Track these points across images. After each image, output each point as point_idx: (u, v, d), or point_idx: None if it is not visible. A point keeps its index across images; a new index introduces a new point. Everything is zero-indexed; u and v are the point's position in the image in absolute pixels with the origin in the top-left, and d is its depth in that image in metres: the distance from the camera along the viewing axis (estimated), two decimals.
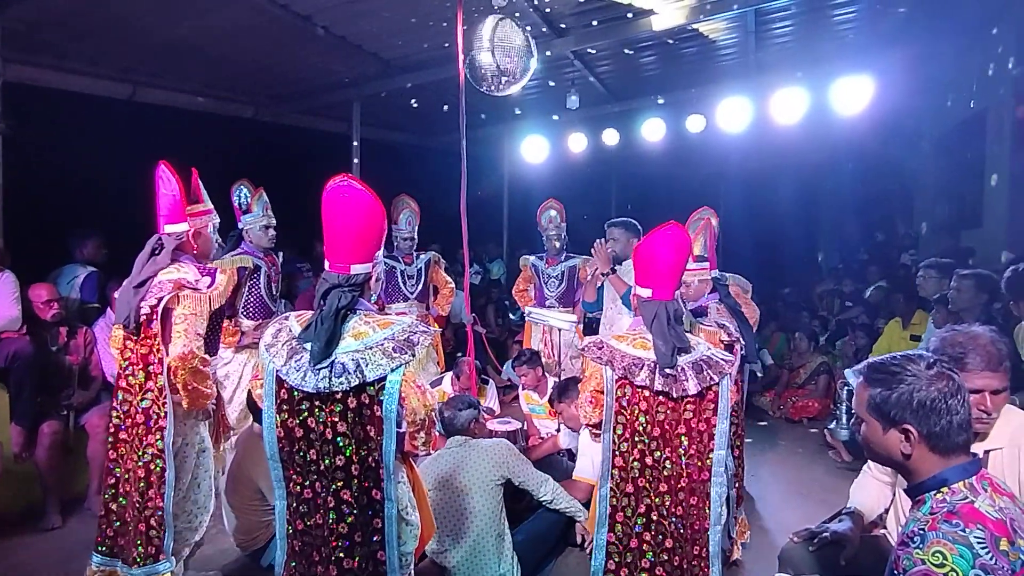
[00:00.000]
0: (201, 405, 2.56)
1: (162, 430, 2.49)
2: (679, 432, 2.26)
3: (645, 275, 2.37)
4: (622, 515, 2.26)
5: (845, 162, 9.04)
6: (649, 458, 2.24)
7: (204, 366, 2.51)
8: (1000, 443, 1.85)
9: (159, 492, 2.50)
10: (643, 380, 2.20)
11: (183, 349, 2.46)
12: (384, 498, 1.90)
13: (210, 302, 2.59)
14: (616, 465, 2.26)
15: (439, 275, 5.07)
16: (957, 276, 3.81)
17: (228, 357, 3.78)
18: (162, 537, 2.51)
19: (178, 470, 2.57)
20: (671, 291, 2.35)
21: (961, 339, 1.86)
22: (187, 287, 2.52)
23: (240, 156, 5.63)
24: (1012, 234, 5.55)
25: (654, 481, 2.24)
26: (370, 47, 5.43)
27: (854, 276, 8.10)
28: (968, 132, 6.55)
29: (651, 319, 2.29)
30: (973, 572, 1.21)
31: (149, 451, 2.50)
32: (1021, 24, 5.37)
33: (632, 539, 2.25)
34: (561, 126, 8.04)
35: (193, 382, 2.46)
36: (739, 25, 5.44)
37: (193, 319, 2.51)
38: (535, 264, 5.24)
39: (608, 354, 2.28)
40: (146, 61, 5.37)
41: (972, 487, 1.34)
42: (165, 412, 2.49)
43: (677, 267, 2.35)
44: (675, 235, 2.31)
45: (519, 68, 3.66)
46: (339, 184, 1.91)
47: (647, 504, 2.24)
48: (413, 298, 4.89)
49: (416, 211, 4.84)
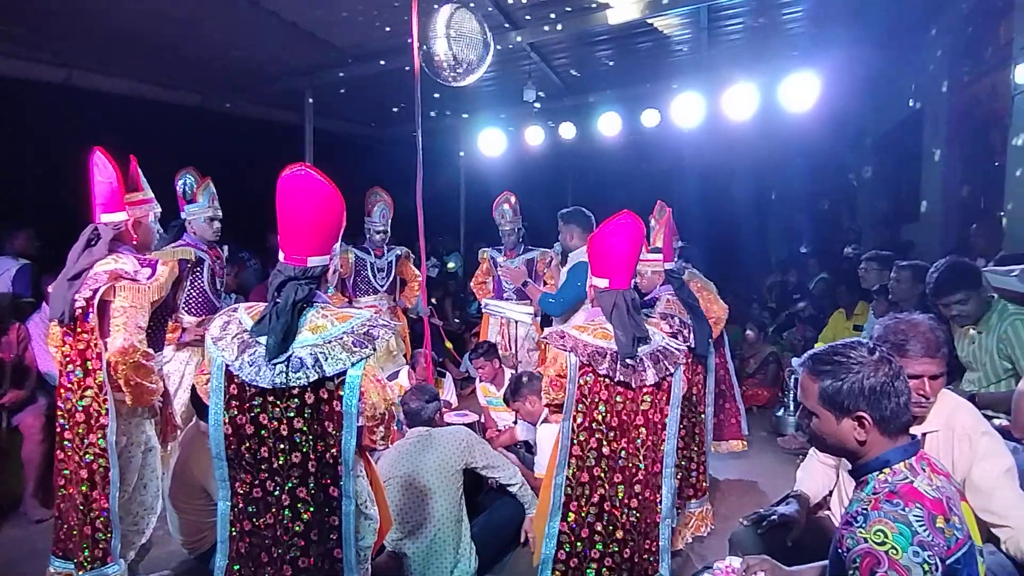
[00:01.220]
0: (146, 401, 2.46)
1: (104, 428, 2.39)
2: (637, 423, 2.28)
3: (602, 265, 2.37)
4: (576, 504, 2.26)
5: (793, 158, 9.32)
6: (606, 448, 2.25)
7: (147, 360, 2.40)
8: (936, 426, 1.93)
9: (103, 493, 2.40)
10: (605, 369, 2.21)
11: (123, 343, 2.35)
12: (342, 494, 1.86)
13: (147, 293, 2.48)
14: (573, 454, 2.26)
15: (408, 269, 5.03)
16: (896, 267, 3.97)
17: (168, 355, 3.63)
18: (109, 539, 2.41)
19: (123, 470, 2.47)
20: (628, 280, 2.37)
21: (903, 327, 1.92)
22: (125, 278, 2.42)
23: (186, 145, 5.42)
24: (947, 227, 5.82)
25: (609, 472, 2.25)
26: (323, 35, 5.30)
27: (799, 269, 8.35)
28: (907, 129, 6.84)
29: (610, 309, 2.31)
30: (912, 548, 1.26)
31: (91, 451, 2.40)
32: (956, 26, 5.62)
33: (584, 528, 2.25)
34: (518, 119, 8.03)
35: (136, 377, 2.37)
36: (692, 21, 5.53)
37: (133, 312, 2.40)
38: (493, 256, 5.23)
39: (571, 343, 2.28)
40: (83, 44, 5.10)
41: (912, 467, 1.40)
42: (106, 409, 2.39)
43: (633, 256, 2.37)
44: (630, 224, 2.32)
45: (475, 58, 3.63)
46: (296, 173, 1.83)
47: (600, 494, 2.25)
48: (383, 291, 4.84)
49: (390, 204, 4.77)
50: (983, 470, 1.83)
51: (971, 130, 5.54)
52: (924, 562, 1.25)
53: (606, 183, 10.80)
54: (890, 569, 1.25)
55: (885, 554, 1.26)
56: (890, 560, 1.25)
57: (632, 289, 2.41)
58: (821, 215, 10.13)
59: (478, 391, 4.72)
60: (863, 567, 1.28)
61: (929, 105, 6.24)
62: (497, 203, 5.11)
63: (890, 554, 1.26)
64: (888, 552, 1.26)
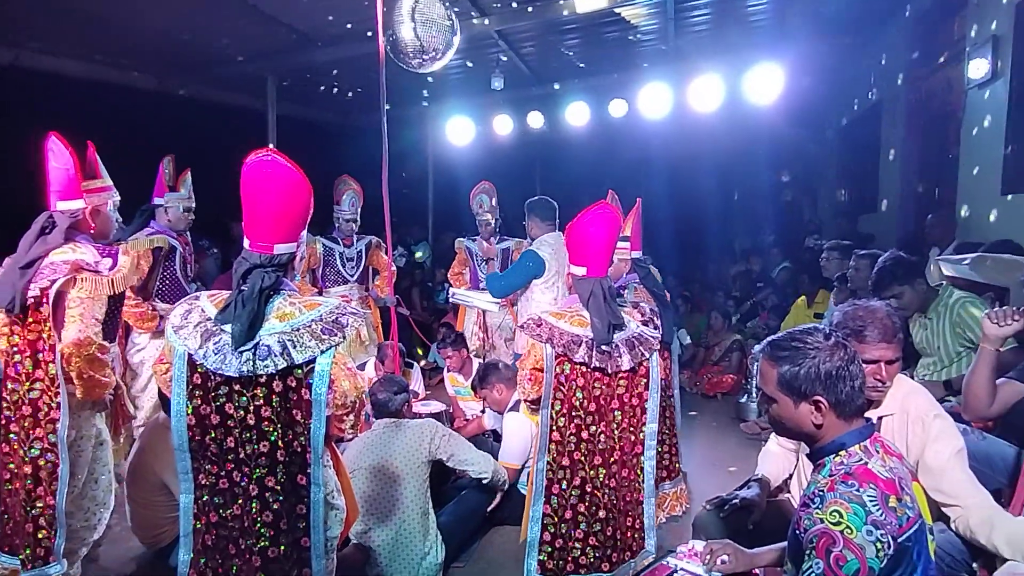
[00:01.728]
0: (98, 395, 2.39)
1: (54, 422, 2.31)
2: (613, 407, 2.35)
3: (580, 253, 2.43)
4: (558, 487, 2.33)
5: (757, 149, 9.48)
6: (585, 432, 2.32)
7: (102, 353, 2.33)
8: (892, 409, 1.99)
9: (49, 490, 2.32)
10: (582, 357, 2.27)
11: (78, 335, 2.27)
12: (310, 483, 1.84)
13: (112, 285, 2.40)
14: (553, 439, 2.32)
15: (379, 258, 4.96)
16: (855, 256, 4.08)
17: (143, 343, 3.55)
18: (52, 538, 2.33)
19: (73, 465, 2.39)
20: (604, 268, 2.43)
21: (860, 313, 1.98)
22: (86, 269, 2.33)
23: (142, 130, 5.26)
24: (903, 218, 6.00)
25: (589, 455, 2.33)
26: (285, 18, 5.17)
27: (762, 257, 8.52)
28: (866, 122, 7.01)
29: (587, 296, 2.36)
30: (865, 528, 1.30)
31: (37, 445, 2.31)
32: (913, 20, 5.76)
33: (567, 510, 2.32)
34: (486, 108, 7.98)
35: (89, 370, 2.29)
36: (659, 11, 5.56)
37: (90, 303, 2.33)
38: (469, 247, 5.21)
39: (547, 331, 2.32)
40: (31, 23, 4.87)
41: (866, 449, 1.44)
42: (58, 403, 2.30)
43: (610, 244, 2.44)
44: (606, 214, 2.39)
45: (442, 45, 3.58)
46: (263, 159, 1.78)
47: (582, 477, 2.32)
48: (353, 281, 4.76)
49: (359, 193, 4.68)
50: (935, 451, 1.90)
51: (927, 123, 5.70)
52: (877, 540, 1.29)
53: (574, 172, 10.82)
54: (845, 548, 1.29)
55: (840, 533, 1.30)
56: (845, 539, 1.29)
57: (608, 277, 2.46)
58: (783, 206, 10.34)
59: (446, 381, 4.71)
60: (819, 546, 1.32)
61: (887, 98, 6.40)
62: (475, 192, 5.07)
63: (845, 533, 1.30)
64: (843, 531, 1.30)
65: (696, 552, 1.90)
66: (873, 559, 1.28)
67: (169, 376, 1.84)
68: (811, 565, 1.32)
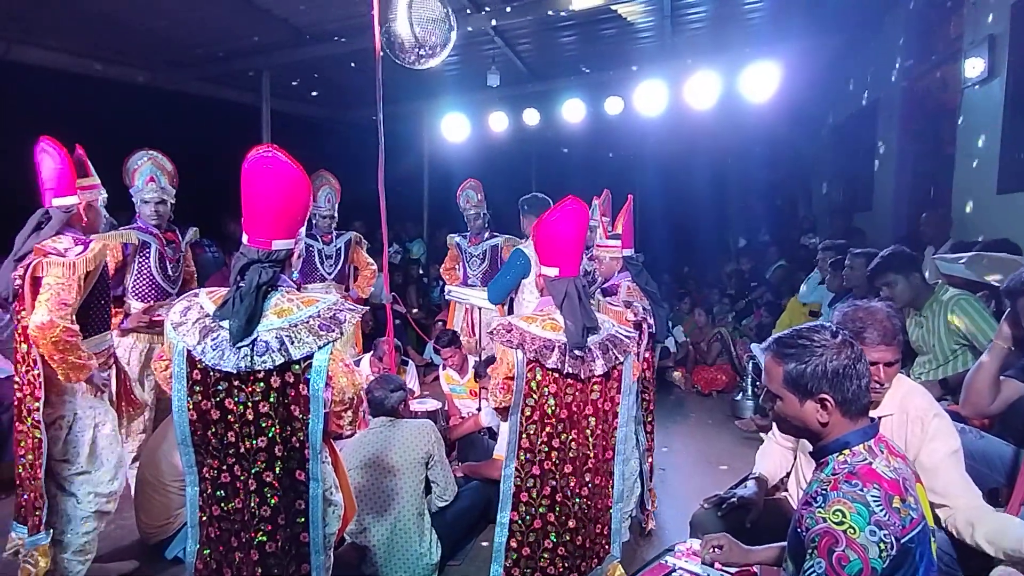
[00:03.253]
0: (78, 377, 2.43)
1: (38, 400, 2.41)
2: (587, 413, 2.26)
3: (550, 254, 2.32)
4: (526, 495, 2.24)
5: (753, 147, 9.51)
6: (556, 440, 2.23)
7: (70, 337, 2.35)
8: (891, 409, 1.98)
9: (38, 462, 2.43)
10: (554, 363, 2.16)
11: (42, 319, 2.31)
12: (309, 478, 1.86)
13: (75, 267, 2.42)
14: (522, 446, 2.23)
15: (360, 256, 4.91)
16: (850, 255, 4.08)
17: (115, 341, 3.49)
18: (41, 508, 2.44)
19: (73, 444, 2.51)
20: (577, 267, 2.33)
21: (860, 314, 1.97)
22: (52, 253, 2.39)
23: (133, 125, 5.20)
24: (897, 217, 6.01)
25: (560, 463, 2.24)
26: (280, 12, 5.13)
27: (756, 256, 8.53)
28: (861, 120, 7.01)
29: (561, 298, 2.25)
30: (868, 528, 1.29)
31: (29, 420, 2.44)
32: (910, 19, 5.77)
33: (536, 520, 2.24)
34: (482, 104, 7.96)
35: (58, 352, 2.33)
36: (656, 8, 5.54)
37: (59, 287, 2.36)
38: (459, 243, 5.20)
39: (518, 337, 2.20)
40: (20, 15, 4.82)
41: (871, 449, 1.42)
42: (40, 382, 2.41)
43: (580, 241, 2.33)
44: (575, 209, 2.27)
45: (438, 41, 3.56)
46: (263, 155, 1.80)
47: (552, 486, 2.24)
48: (331, 279, 4.70)
49: (336, 188, 4.65)
50: (930, 450, 1.89)
51: (922, 122, 5.71)
52: (880, 541, 1.28)
53: (570, 169, 10.84)
54: (847, 548, 1.28)
55: (843, 533, 1.29)
56: (847, 539, 1.28)
57: (583, 276, 2.38)
58: (778, 204, 10.36)
59: (441, 378, 4.69)
60: (821, 545, 1.31)
61: (883, 97, 6.40)
62: (461, 189, 5.06)
63: (848, 533, 1.29)
64: (846, 531, 1.29)
65: (694, 551, 1.89)
66: (876, 559, 1.27)
67: (169, 373, 1.85)
68: (812, 564, 1.31)
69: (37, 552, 2.43)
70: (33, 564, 2.43)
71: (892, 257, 3.14)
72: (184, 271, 3.67)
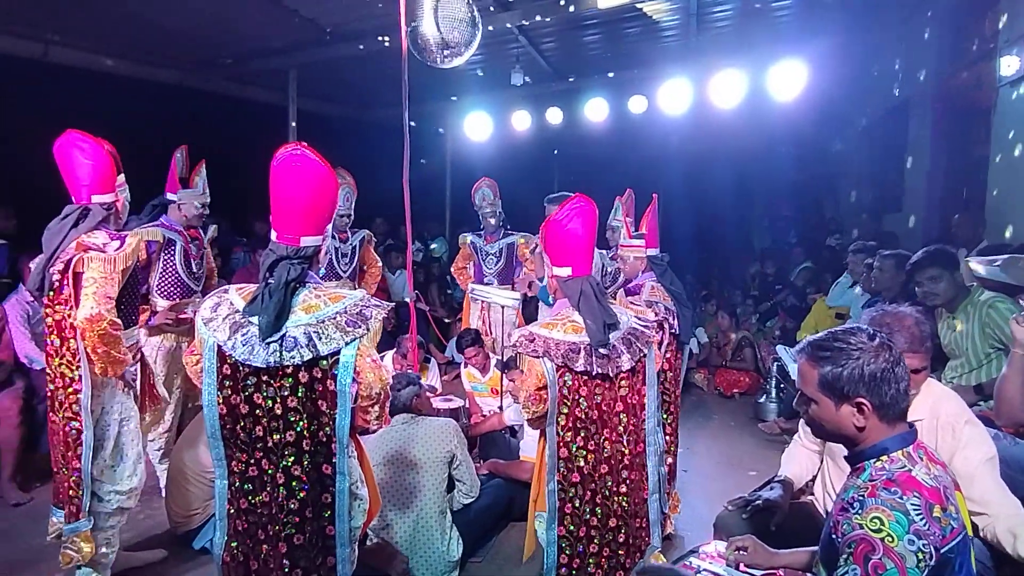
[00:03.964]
0: (116, 372, 2.49)
1: (77, 393, 2.46)
2: (617, 410, 2.24)
3: (562, 254, 2.30)
4: (571, 506, 2.22)
5: (778, 146, 9.36)
6: (591, 443, 2.21)
7: (115, 330, 2.42)
8: (921, 415, 1.94)
9: (75, 454, 2.47)
10: (582, 366, 2.15)
11: (90, 311, 2.38)
12: (335, 472, 1.88)
13: (116, 263, 2.48)
14: (561, 457, 2.21)
15: (369, 254, 4.96)
16: (879, 256, 4.00)
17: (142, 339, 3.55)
18: (80, 497, 2.49)
19: (100, 438, 2.54)
20: (589, 265, 2.31)
21: (888, 320, 1.93)
22: (92, 249, 2.44)
23: (164, 124, 5.31)
24: (928, 218, 5.89)
25: (597, 464, 2.22)
26: (307, 13, 5.19)
27: (780, 258, 8.40)
28: (891, 120, 6.88)
29: (577, 297, 2.23)
30: (907, 537, 1.26)
31: (64, 413, 2.48)
32: (943, 16, 5.65)
33: (581, 528, 2.23)
34: (505, 103, 7.96)
35: (102, 345, 2.39)
36: (682, 7, 5.50)
37: (103, 281, 2.43)
38: (474, 241, 5.21)
39: (543, 345, 2.18)
40: (59, 18, 4.94)
41: (910, 456, 1.39)
42: (79, 375, 2.45)
43: (591, 239, 2.31)
44: (584, 207, 2.25)
45: (463, 40, 3.57)
46: (292, 152, 1.83)
47: (591, 489, 2.22)
48: (346, 276, 4.76)
49: (354, 187, 4.69)
50: (964, 457, 1.86)
51: (955, 121, 5.59)
52: (919, 550, 1.25)
53: (592, 169, 10.78)
54: (884, 556, 1.25)
55: (881, 541, 1.26)
56: (885, 547, 1.26)
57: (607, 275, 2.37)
58: (805, 205, 10.20)
59: (463, 376, 4.71)
60: (857, 552, 1.28)
61: (914, 96, 6.28)
62: (476, 188, 5.07)
63: (886, 541, 1.26)
64: (884, 539, 1.26)
65: (719, 553, 1.87)
66: (913, 569, 1.24)
67: (200, 367, 1.88)
68: (847, 570, 1.29)
69: (79, 538, 2.49)
70: (76, 550, 2.48)
71: (938, 252, 3.10)
72: (206, 267, 3.75)
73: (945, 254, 3.10)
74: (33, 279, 2.50)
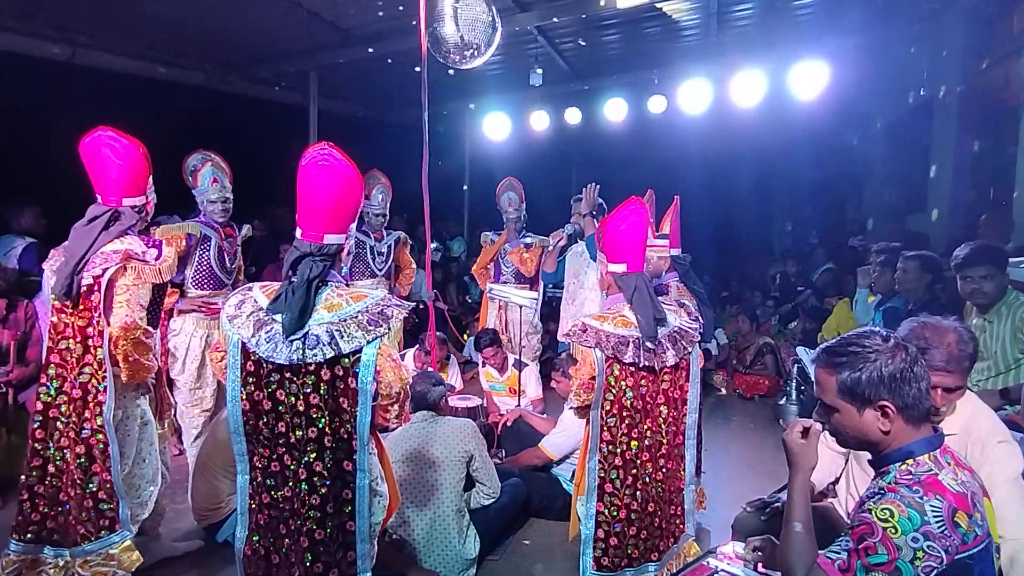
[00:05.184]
0: (141, 378, 2.51)
1: (101, 404, 2.43)
2: (659, 403, 2.39)
3: (618, 250, 2.44)
4: (611, 486, 2.36)
5: (800, 146, 9.23)
6: (635, 431, 2.36)
7: (147, 337, 2.45)
8: (955, 429, 1.86)
9: (104, 466, 2.44)
10: (631, 358, 2.28)
11: (126, 319, 2.39)
12: (356, 469, 1.91)
13: (158, 275, 2.52)
14: (603, 439, 2.35)
15: (404, 255, 4.99)
16: (903, 258, 3.92)
17: (177, 328, 3.61)
18: (116, 507, 2.48)
19: (121, 444, 2.52)
20: (642, 262, 2.46)
21: (927, 333, 1.83)
22: (135, 259, 2.46)
23: (188, 124, 5.39)
24: (954, 219, 5.79)
25: (640, 451, 2.36)
26: (328, 15, 5.26)
27: (802, 259, 8.29)
28: (916, 120, 6.76)
29: (631, 293, 2.37)
30: (912, 535, 1.24)
31: (87, 426, 2.43)
32: (969, 14, 5.54)
33: (621, 510, 2.36)
34: (524, 104, 7.97)
35: (134, 353, 2.42)
36: (702, 6, 5.47)
37: (135, 290, 2.45)
38: (493, 240, 5.22)
39: (595, 336, 2.33)
40: (85, 20, 5.06)
41: (936, 460, 1.37)
42: (104, 386, 2.42)
43: (644, 238, 2.47)
44: (639, 208, 2.42)
45: (483, 41, 3.58)
46: (319, 152, 1.88)
47: (633, 475, 2.36)
48: (381, 275, 4.80)
49: (388, 187, 4.72)
50: (987, 473, 1.77)
51: (982, 119, 5.49)
52: (921, 550, 1.23)
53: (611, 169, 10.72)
54: (880, 542, 1.24)
55: (883, 529, 1.26)
56: (884, 535, 1.25)
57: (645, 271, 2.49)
58: (827, 205, 10.06)
59: (480, 376, 4.73)
60: (855, 531, 1.29)
61: (939, 94, 6.17)
62: (502, 189, 5.07)
63: (888, 531, 1.25)
64: (887, 529, 1.25)
65: (737, 554, 1.87)
66: (906, 564, 1.23)
67: (224, 364, 1.92)
68: (839, 542, 1.31)
69: (117, 550, 2.46)
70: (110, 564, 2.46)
71: (991, 249, 3.00)
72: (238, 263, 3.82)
73: (998, 251, 3.01)
74: (60, 283, 2.40)
